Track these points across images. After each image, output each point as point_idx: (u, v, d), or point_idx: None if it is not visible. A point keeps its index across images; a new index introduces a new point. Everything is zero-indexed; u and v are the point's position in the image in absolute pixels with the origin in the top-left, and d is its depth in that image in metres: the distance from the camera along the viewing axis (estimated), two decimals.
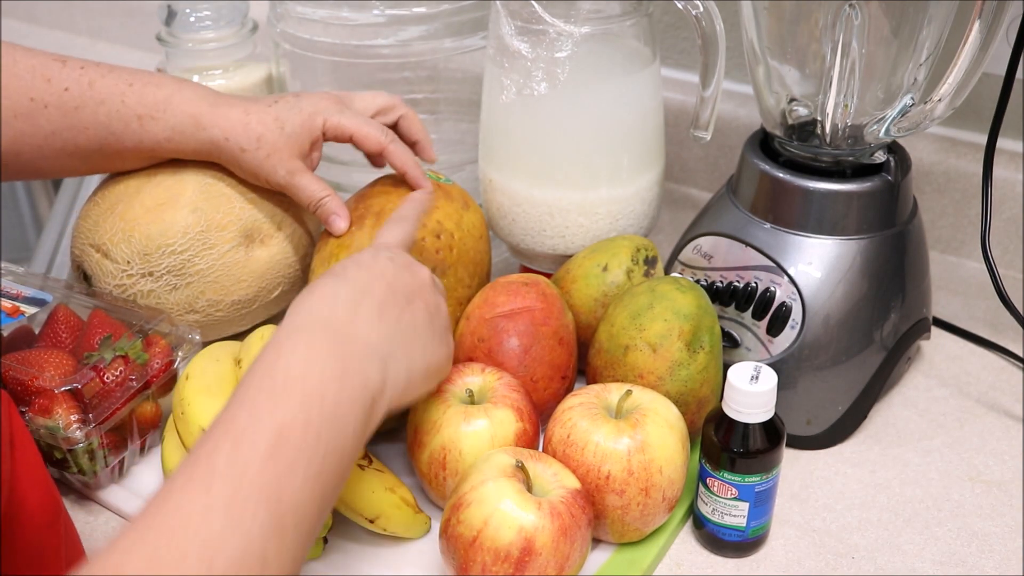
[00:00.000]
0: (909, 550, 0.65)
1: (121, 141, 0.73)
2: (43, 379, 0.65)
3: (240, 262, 0.76)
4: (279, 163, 0.74)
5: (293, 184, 0.74)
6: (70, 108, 0.72)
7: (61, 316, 0.71)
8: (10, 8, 1.55)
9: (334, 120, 0.74)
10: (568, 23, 0.72)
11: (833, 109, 0.71)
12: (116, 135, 0.73)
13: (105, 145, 0.73)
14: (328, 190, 0.75)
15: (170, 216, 0.74)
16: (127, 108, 0.72)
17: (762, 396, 0.60)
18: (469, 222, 0.77)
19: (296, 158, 0.74)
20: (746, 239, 0.73)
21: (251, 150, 0.73)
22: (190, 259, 0.74)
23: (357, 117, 0.75)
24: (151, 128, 0.73)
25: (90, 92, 0.72)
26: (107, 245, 0.74)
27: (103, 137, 0.73)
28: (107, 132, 0.73)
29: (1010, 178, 0.89)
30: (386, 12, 0.85)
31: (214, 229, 0.75)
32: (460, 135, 0.95)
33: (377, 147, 0.75)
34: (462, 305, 0.75)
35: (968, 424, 0.75)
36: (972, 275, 0.92)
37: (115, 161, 0.76)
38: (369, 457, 0.64)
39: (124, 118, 0.73)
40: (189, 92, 0.74)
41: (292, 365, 0.49)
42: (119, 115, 0.72)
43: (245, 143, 0.73)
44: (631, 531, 0.63)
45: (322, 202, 0.74)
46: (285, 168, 0.74)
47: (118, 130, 0.73)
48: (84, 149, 0.74)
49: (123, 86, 0.73)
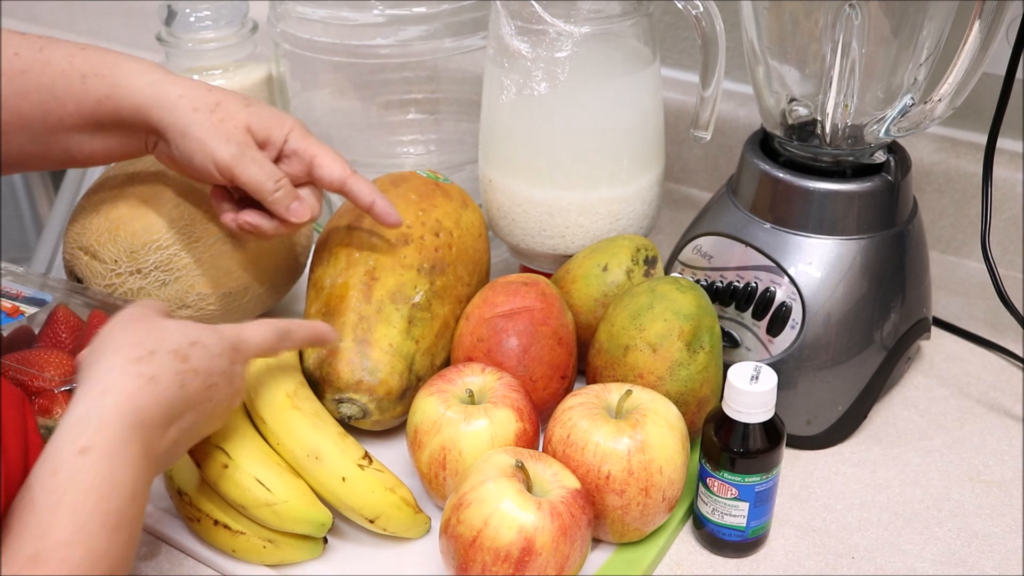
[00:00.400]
0: (909, 550, 0.65)
1: (63, 105, 0.68)
2: (43, 379, 0.65)
3: (228, 253, 0.76)
4: (232, 132, 0.67)
5: (241, 164, 0.66)
6: (16, 72, 0.68)
7: (61, 316, 0.71)
8: (10, 8, 1.55)
9: (301, 132, 0.70)
10: (568, 23, 0.72)
11: (833, 109, 0.71)
12: (59, 98, 0.68)
13: (47, 111, 0.68)
14: (281, 177, 0.68)
15: (154, 212, 0.74)
16: (73, 68, 0.68)
17: (762, 396, 0.60)
18: (468, 221, 0.78)
19: (251, 141, 0.67)
20: (746, 239, 0.73)
21: (204, 111, 0.66)
22: (176, 253, 0.74)
23: (323, 144, 0.70)
24: (93, 86, 0.67)
25: (39, 55, 0.68)
26: (94, 246, 0.74)
27: (45, 102, 0.68)
28: (50, 95, 0.68)
29: (1010, 178, 0.89)
30: (386, 12, 0.85)
31: (199, 222, 0.75)
32: (460, 135, 0.95)
33: (340, 176, 0.69)
34: (461, 303, 0.75)
35: (968, 424, 0.75)
36: (972, 275, 0.92)
37: (59, 134, 0.70)
38: (369, 457, 0.64)
39: (68, 77, 0.68)
40: (146, 62, 0.69)
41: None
42: (63, 75, 0.68)
43: (201, 103, 0.67)
44: (631, 531, 0.63)
45: (275, 194, 0.68)
46: (237, 142, 0.66)
47: (61, 92, 0.68)
48: (28, 119, 0.69)
49: (75, 49, 0.69)
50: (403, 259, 0.72)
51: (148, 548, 0.66)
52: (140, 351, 0.54)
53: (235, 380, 0.59)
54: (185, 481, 0.64)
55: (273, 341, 0.62)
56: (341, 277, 0.72)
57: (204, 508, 0.63)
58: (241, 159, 0.66)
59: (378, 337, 0.70)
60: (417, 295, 0.72)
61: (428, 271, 0.73)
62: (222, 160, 0.66)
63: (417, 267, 0.73)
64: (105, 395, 0.52)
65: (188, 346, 0.56)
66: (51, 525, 0.46)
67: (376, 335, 0.70)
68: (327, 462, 0.63)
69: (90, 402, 0.51)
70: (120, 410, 0.51)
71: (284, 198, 0.68)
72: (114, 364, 0.53)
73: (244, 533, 0.62)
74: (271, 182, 0.67)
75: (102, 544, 0.47)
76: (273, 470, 0.62)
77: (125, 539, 0.49)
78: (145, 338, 0.55)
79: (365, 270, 0.72)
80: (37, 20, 1.55)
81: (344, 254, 0.73)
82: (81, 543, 0.47)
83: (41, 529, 0.46)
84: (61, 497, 0.47)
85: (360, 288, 0.71)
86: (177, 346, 0.56)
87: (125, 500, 0.49)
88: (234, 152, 0.66)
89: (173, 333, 0.57)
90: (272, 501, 0.61)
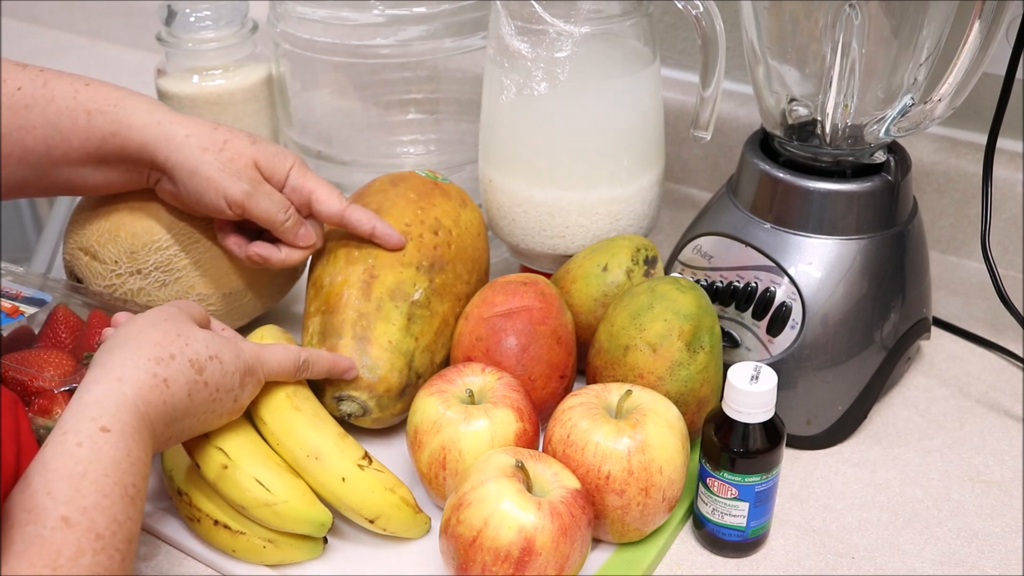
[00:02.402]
0: (909, 550, 0.65)
1: (68, 140, 0.70)
2: (43, 379, 0.65)
3: (228, 254, 0.76)
4: (243, 171, 0.70)
5: (253, 200, 0.70)
6: (21, 107, 0.70)
7: (61, 316, 0.71)
8: (10, 8, 1.55)
9: (300, 169, 0.73)
10: (568, 23, 0.72)
11: (833, 109, 0.71)
12: (63, 133, 0.70)
13: (52, 146, 0.70)
14: (289, 207, 0.72)
15: (155, 213, 0.74)
16: (78, 104, 0.70)
17: (762, 396, 0.60)
18: (467, 220, 0.78)
19: (260, 177, 0.71)
20: (746, 239, 0.73)
21: (213, 150, 0.69)
22: (176, 254, 0.74)
23: (320, 179, 0.73)
24: (98, 123, 0.69)
25: (43, 90, 0.70)
26: (94, 247, 0.74)
27: (50, 136, 0.70)
28: (54, 130, 0.70)
29: (1010, 178, 0.89)
30: (386, 12, 0.85)
31: (199, 223, 0.75)
32: (460, 135, 0.95)
33: (337, 209, 0.72)
34: (460, 301, 0.75)
35: (968, 424, 0.75)
36: (972, 275, 0.92)
37: (62, 168, 0.71)
38: (369, 457, 0.64)
39: (73, 113, 0.69)
40: (147, 99, 0.71)
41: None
42: (68, 111, 0.69)
43: (209, 143, 0.69)
44: (631, 531, 0.63)
45: (285, 224, 0.71)
46: (248, 179, 0.70)
47: (65, 128, 0.69)
48: (32, 153, 0.70)
49: (79, 85, 0.71)
50: (402, 257, 0.72)
51: (148, 548, 0.66)
52: (161, 352, 0.57)
53: (240, 399, 0.62)
54: (185, 481, 0.64)
55: (291, 370, 0.65)
56: (340, 275, 0.72)
57: (204, 508, 0.63)
58: (253, 195, 0.70)
59: (377, 334, 0.70)
60: (416, 293, 0.72)
61: (427, 269, 0.73)
62: (235, 197, 0.70)
63: (416, 265, 0.73)
64: (121, 383, 0.55)
65: (207, 359, 0.59)
66: (79, 491, 0.49)
67: (375, 332, 0.70)
68: (327, 462, 0.63)
69: (107, 386, 0.54)
70: (133, 400, 0.55)
71: (294, 226, 0.72)
72: (135, 357, 0.56)
73: (244, 533, 0.62)
74: (282, 213, 0.71)
75: (121, 513, 0.50)
76: (273, 470, 0.62)
77: (137, 513, 0.52)
78: (169, 341, 0.58)
79: (364, 268, 0.72)
80: (37, 20, 1.55)
81: (343, 252, 0.73)
82: (105, 510, 0.50)
83: (69, 494, 0.49)
84: (87, 468, 0.50)
85: (359, 286, 0.71)
86: (196, 356, 0.59)
87: (139, 477, 0.53)
88: (246, 189, 0.70)
89: (196, 343, 0.59)
90: (272, 501, 0.61)
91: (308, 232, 0.73)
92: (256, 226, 0.74)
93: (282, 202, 0.71)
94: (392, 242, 0.72)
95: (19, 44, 1.49)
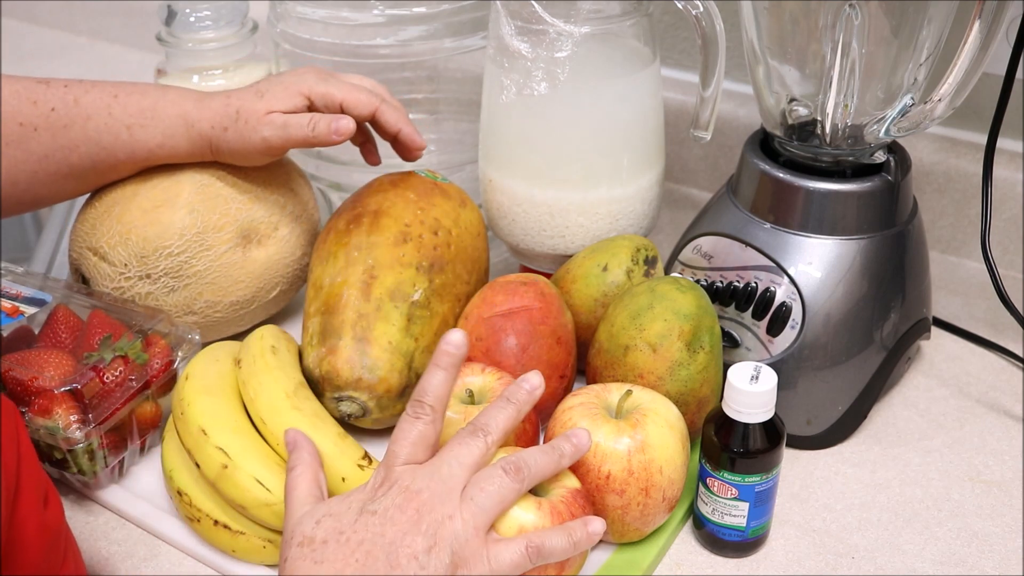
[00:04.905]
0: (909, 550, 0.65)
1: (113, 154, 0.73)
2: (43, 379, 0.65)
3: (237, 263, 0.76)
4: (258, 127, 0.72)
5: (280, 140, 0.73)
6: (59, 128, 0.72)
7: (61, 316, 0.71)
8: (10, 8, 1.55)
9: (321, 88, 0.74)
10: (568, 23, 0.72)
11: (833, 109, 0.71)
12: (107, 149, 0.73)
13: (98, 161, 0.73)
14: (311, 119, 0.73)
15: (167, 218, 0.74)
16: (115, 120, 0.72)
17: (762, 396, 0.60)
18: (467, 220, 0.78)
19: (275, 118, 0.73)
20: (746, 239, 0.73)
21: (232, 126, 0.73)
22: (187, 261, 0.74)
23: (344, 84, 0.75)
24: (141, 136, 0.73)
25: (76, 109, 0.72)
26: (104, 248, 0.74)
27: (95, 153, 0.73)
28: (98, 147, 0.73)
29: (1010, 178, 0.89)
30: (386, 12, 0.85)
31: (211, 230, 0.75)
32: (460, 135, 0.95)
33: (369, 110, 0.74)
34: (460, 302, 0.75)
35: (968, 424, 0.75)
36: (972, 275, 0.92)
37: (111, 176, 0.75)
38: (369, 458, 0.64)
39: (113, 130, 0.72)
40: (174, 95, 0.74)
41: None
42: (108, 128, 0.72)
43: (227, 121, 0.73)
44: (631, 531, 0.63)
45: (314, 131, 0.72)
46: (268, 125, 0.72)
47: (108, 143, 0.72)
48: (78, 168, 0.73)
49: (108, 99, 0.73)
50: (402, 257, 0.72)
51: (148, 548, 0.66)
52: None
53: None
54: (185, 481, 0.64)
55: (488, 450, 0.57)
56: (340, 276, 0.72)
57: (204, 508, 0.63)
58: (276, 138, 0.73)
59: (377, 335, 0.70)
60: (416, 293, 0.72)
61: (427, 269, 0.73)
62: (265, 149, 0.74)
63: (416, 265, 0.73)
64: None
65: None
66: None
67: (375, 333, 0.70)
68: (327, 462, 0.63)
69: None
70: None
71: (323, 130, 0.72)
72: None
73: (244, 533, 0.62)
74: (307, 129, 0.72)
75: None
76: (273, 470, 0.62)
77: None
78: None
79: (364, 268, 0.72)
80: (37, 20, 1.55)
81: (343, 253, 0.73)
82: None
83: None
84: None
85: (359, 286, 0.71)
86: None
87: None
88: (267, 136, 0.73)
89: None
90: (272, 501, 0.61)
91: (340, 124, 0.72)
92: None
93: (300, 120, 0.72)
94: (414, 145, 0.76)
95: (19, 44, 1.49)
